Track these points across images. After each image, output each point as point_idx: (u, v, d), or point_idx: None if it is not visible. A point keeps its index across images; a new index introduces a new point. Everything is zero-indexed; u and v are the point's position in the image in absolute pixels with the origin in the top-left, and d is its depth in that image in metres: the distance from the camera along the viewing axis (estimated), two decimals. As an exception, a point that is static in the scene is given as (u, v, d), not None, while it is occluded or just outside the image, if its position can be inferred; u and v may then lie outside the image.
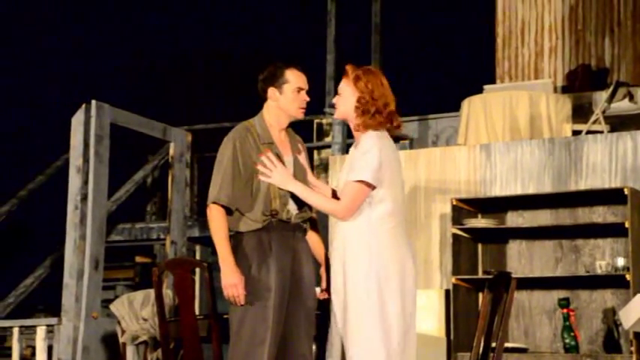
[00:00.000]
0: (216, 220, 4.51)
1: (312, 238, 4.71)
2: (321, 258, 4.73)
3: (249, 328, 4.44)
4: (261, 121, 4.63)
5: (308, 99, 4.66)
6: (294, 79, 4.62)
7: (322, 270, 4.71)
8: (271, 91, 4.62)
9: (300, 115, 4.65)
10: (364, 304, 4.26)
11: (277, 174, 4.49)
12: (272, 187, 4.51)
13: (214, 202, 4.52)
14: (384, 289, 4.26)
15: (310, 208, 4.64)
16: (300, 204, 4.58)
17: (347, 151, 9.09)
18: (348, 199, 4.33)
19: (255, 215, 4.52)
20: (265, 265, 4.49)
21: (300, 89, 4.62)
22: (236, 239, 4.56)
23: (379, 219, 4.33)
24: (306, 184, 4.60)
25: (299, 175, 4.62)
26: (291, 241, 4.54)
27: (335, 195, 4.53)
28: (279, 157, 4.58)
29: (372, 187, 4.33)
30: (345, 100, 4.46)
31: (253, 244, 4.51)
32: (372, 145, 4.36)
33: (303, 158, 4.71)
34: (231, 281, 4.45)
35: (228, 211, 4.54)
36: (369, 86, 4.41)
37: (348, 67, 4.50)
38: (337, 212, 4.37)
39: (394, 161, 4.43)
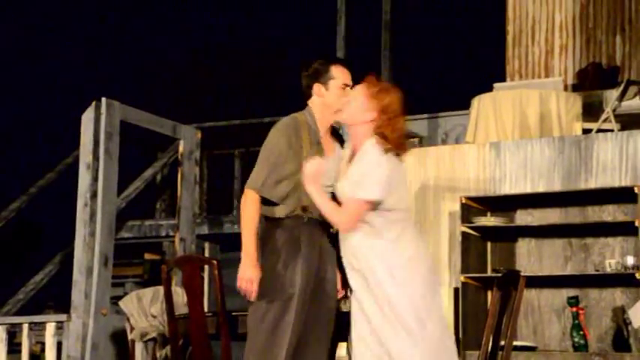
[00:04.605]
0: (249, 210, 4.50)
1: None
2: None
3: (270, 325, 4.44)
4: (313, 117, 4.60)
5: None
6: (340, 75, 4.59)
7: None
8: (317, 87, 4.59)
9: None
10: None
11: (306, 170, 4.45)
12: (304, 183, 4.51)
13: (252, 189, 4.51)
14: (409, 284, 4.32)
15: None
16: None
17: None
18: (351, 215, 4.33)
19: (287, 207, 4.51)
20: (293, 262, 4.48)
21: (345, 85, 4.60)
22: (266, 231, 4.55)
23: (389, 225, 4.35)
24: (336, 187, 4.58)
25: (331, 177, 4.58)
26: (319, 238, 4.53)
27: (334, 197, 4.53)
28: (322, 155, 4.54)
29: (376, 203, 4.33)
30: (355, 110, 4.40)
31: (283, 239, 4.50)
32: (379, 160, 4.33)
33: (340, 161, 4.67)
34: (248, 275, 4.44)
35: (263, 200, 4.54)
36: (382, 107, 4.37)
37: (370, 79, 4.44)
38: (340, 225, 4.38)
39: (400, 174, 4.44)
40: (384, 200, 4.32)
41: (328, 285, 4.55)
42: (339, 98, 4.56)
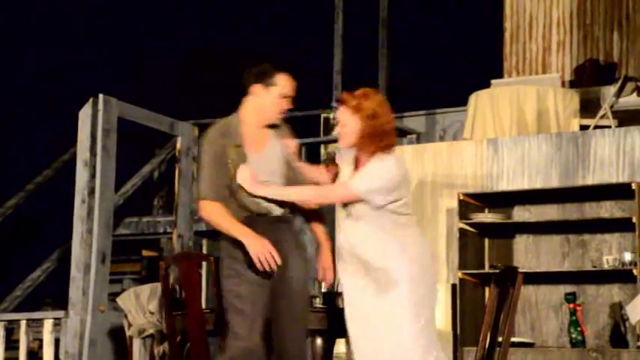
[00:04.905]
0: (215, 212, 4.52)
1: (315, 228, 4.73)
2: (316, 230, 4.77)
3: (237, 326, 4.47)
4: (236, 119, 4.63)
5: (290, 106, 4.64)
6: (284, 84, 4.60)
7: (322, 257, 4.71)
8: (257, 88, 4.60)
9: (276, 120, 4.64)
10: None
11: (244, 183, 4.49)
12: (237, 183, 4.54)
13: (205, 199, 4.54)
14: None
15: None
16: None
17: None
18: (333, 196, 4.46)
19: (233, 210, 4.55)
20: (247, 260, 4.49)
21: (285, 96, 4.61)
22: (223, 237, 4.58)
23: (395, 227, 4.42)
24: (292, 173, 4.62)
25: (276, 168, 4.61)
26: (271, 234, 4.52)
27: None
28: (244, 158, 4.56)
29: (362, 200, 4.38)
30: (351, 130, 4.43)
31: (233, 240, 4.51)
32: (380, 166, 4.37)
33: (288, 147, 4.68)
34: (259, 246, 4.42)
35: None
36: (372, 112, 4.40)
37: (346, 96, 4.47)
38: (315, 198, 4.49)
39: (405, 176, 4.50)
40: (387, 204, 4.37)
41: (289, 279, 4.55)
42: (275, 105, 4.59)
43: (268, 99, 4.58)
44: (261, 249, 4.42)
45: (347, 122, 4.44)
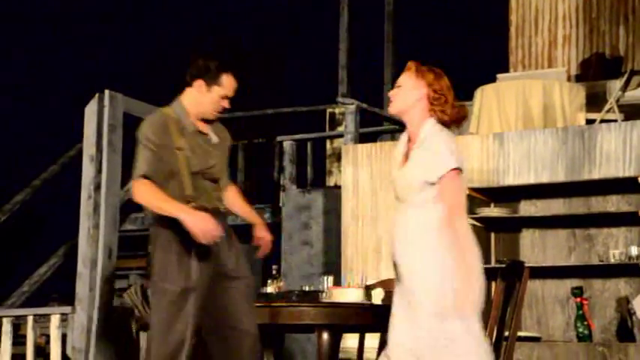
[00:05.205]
0: (149, 191, 4.38)
1: (233, 197, 4.74)
2: (246, 212, 4.77)
3: (169, 313, 4.41)
4: (183, 109, 4.56)
5: (228, 106, 4.61)
6: (227, 85, 4.56)
7: (256, 228, 4.70)
8: (199, 84, 4.54)
9: (212, 117, 4.61)
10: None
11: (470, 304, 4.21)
12: (181, 174, 4.45)
13: (142, 177, 4.40)
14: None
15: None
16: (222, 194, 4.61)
17: (360, 140, 9.05)
18: (455, 191, 4.20)
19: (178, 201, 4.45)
20: (186, 256, 4.43)
21: (226, 97, 4.57)
22: (156, 228, 4.49)
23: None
24: (225, 168, 4.63)
25: (221, 159, 4.63)
26: (222, 227, 4.48)
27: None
28: (208, 143, 4.54)
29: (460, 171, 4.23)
30: (408, 90, 4.32)
31: (173, 234, 4.43)
32: (447, 135, 4.27)
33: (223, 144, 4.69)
34: (197, 218, 4.33)
35: None
36: (433, 80, 4.31)
37: (412, 63, 4.37)
38: (456, 212, 4.24)
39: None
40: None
41: (230, 268, 4.53)
42: (214, 104, 4.54)
43: (209, 97, 4.53)
44: (201, 221, 4.32)
45: (405, 83, 4.32)
